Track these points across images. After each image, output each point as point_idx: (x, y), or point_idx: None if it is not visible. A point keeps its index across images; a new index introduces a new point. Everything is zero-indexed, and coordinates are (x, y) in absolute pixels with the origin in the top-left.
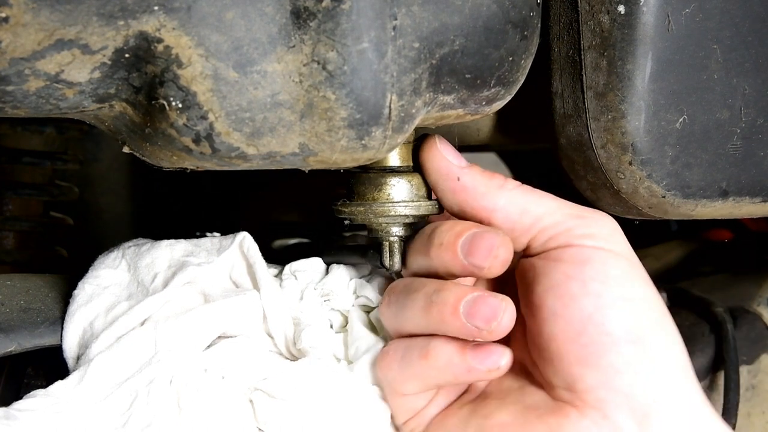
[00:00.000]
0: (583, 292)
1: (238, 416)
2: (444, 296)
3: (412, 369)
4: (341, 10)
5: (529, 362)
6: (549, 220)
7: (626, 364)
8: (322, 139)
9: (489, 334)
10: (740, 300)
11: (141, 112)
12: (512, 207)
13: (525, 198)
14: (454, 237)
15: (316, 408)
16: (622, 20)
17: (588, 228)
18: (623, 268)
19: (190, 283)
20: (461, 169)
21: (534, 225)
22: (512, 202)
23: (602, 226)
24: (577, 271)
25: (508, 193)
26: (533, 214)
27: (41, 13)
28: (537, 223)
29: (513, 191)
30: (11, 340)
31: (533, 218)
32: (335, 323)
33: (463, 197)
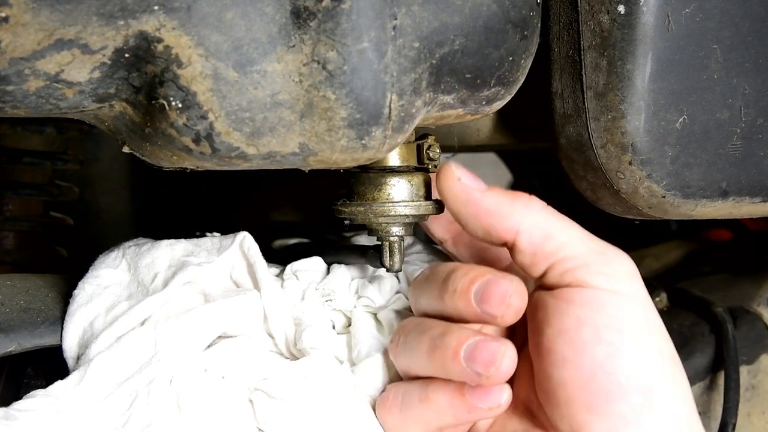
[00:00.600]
0: (596, 339)
1: (238, 416)
2: (447, 340)
3: (412, 413)
4: (341, 10)
5: (535, 404)
6: (570, 250)
7: (634, 413)
8: (322, 138)
9: (488, 379)
10: (740, 300)
11: (141, 112)
12: (536, 231)
13: (550, 222)
14: (468, 283)
15: (316, 408)
16: (622, 20)
17: (606, 266)
18: (638, 316)
19: (190, 283)
20: (482, 193)
21: (555, 253)
22: (537, 225)
23: (620, 266)
24: (591, 317)
25: (534, 215)
26: (556, 241)
27: (41, 13)
28: (558, 251)
29: (539, 213)
30: (11, 340)
31: (556, 246)
32: (337, 324)
33: (487, 221)
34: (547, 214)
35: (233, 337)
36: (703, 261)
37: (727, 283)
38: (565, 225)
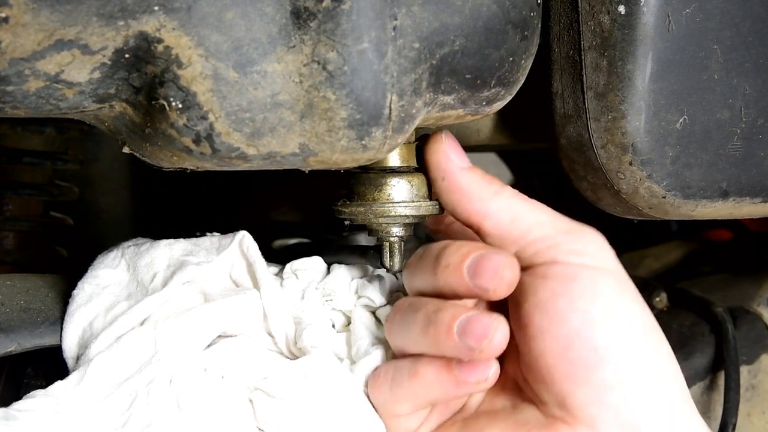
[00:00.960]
0: (570, 308)
1: (237, 416)
2: (440, 316)
3: (402, 389)
4: (341, 11)
5: (521, 380)
6: (538, 232)
7: (615, 379)
8: (322, 139)
9: (481, 353)
10: (740, 300)
11: (141, 112)
12: (503, 214)
13: (518, 206)
14: (460, 258)
15: (316, 408)
16: (622, 20)
17: (576, 244)
18: (611, 285)
19: (189, 283)
20: (461, 169)
21: (523, 236)
22: (504, 208)
23: (590, 242)
24: (564, 288)
25: (502, 200)
26: (524, 224)
27: (41, 14)
28: (526, 234)
29: (507, 199)
30: (11, 340)
31: (523, 229)
32: (337, 323)
33: (457, 197)
34: (515, 199)
35: (233, 337)
36: (703, 261)
37: (727, 283)
38: (532, 208)
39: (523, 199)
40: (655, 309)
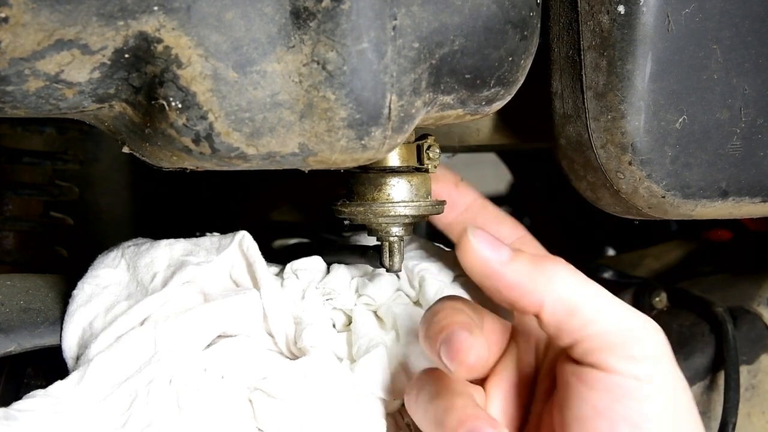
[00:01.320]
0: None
1: (237, 416)
2: (448, 420)
3: None
4: (341, 11)
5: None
6: (595, 328)
7: None
8: (321, 139)
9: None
10: (740, 300)
11: (141, 112)
12: (560, 306)
13: (575, 295)
14: (438, 331)
15: (316, 408)
16: (621, 20)
17: (633, 347)
18: (660, 410)
19: (189, 283)
20: (503, 267)
21: (580, 330)
22: (561, 299)
23: (649, 347)
24: (609, 408)
25: (557, 289)
26: (581, 317)
27: (41, 14)
28: (583, 328)
29: (563, 287)
30: (11, 340)
31: (580, 322)
32: (337, 322)
33: (510, 296)
34: (572, 285)
35: (233, 337)
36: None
37: (727, 283)
38: (591, 296)
39: (581, 283)
40: (655, 309)
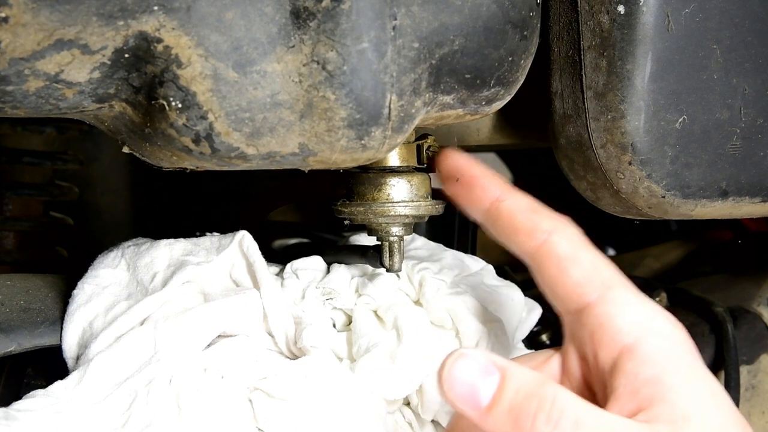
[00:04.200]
0: None
1: (237, 416)
2: None
3: None
4: (341, 10)
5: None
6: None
7: None
8: (321, 139)
9: None
10: (740, 300)
11: (141, 112)
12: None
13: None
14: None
15: (316, 408)
16: (621, 20)
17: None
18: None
19: (189, 282)
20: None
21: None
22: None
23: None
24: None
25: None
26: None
27: (41, 13)
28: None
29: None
30: (11, 340)
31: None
32: (337, 322)
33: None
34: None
35: (233, 337)
36: (703, 261)
37: (727, 283)
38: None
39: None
40: None
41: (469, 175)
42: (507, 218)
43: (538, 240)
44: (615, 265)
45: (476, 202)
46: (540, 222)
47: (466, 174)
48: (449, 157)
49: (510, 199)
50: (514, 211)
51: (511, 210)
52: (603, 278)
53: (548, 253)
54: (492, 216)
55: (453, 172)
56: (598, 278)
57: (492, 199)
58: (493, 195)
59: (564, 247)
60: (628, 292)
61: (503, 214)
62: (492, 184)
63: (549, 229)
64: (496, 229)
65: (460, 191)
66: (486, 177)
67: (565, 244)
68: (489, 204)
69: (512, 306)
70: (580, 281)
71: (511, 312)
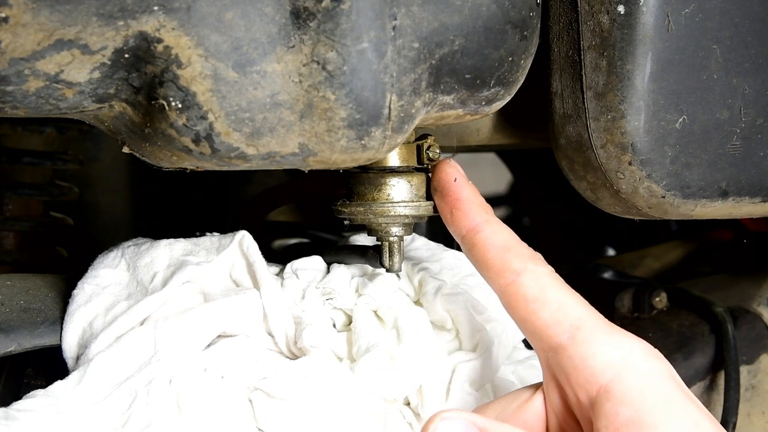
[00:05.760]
0: None
1: (237, 416)
2: None
3: None
4: (341, 11)
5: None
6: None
7: None
8: (321, 139)
9: None
10: (740, 300)
11: (141, 112)
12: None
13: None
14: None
15: (316, 408)
16: (621, 20)
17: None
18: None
19: (189, 282)
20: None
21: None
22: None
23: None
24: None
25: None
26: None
27: (41, 14)
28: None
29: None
30: (11, 340)
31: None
32: (337, 322)
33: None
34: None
35: (233, 337)
36: (703, 261)
37: (727, 283)
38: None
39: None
40: (655, 309)
41: (454, 196)
42: (480, 251)
43: (507, 279)
44: (587, 302)
45: (455, 225)
46: (511, 261)
47: (452, 194)
48: (443, 171)
49: (486, 231)
50: (487, 246)
51: (484, 244)
52: (572, 318)
53: (516, 293)
54: (467, 244)
55: (441, 187)
56: (567, 319)
57: (469, 228)
58: (471, 223)
59: (532, 289)
60: (600, 330)
61: (477, 246)
62: (473, 212)
63: (519, 269)
64: (469, 257)
65: (443, 209)
66: (469, 202)
67: (533, 285)
68: (465, 231)
69: None
70: (549, 323)
71: None
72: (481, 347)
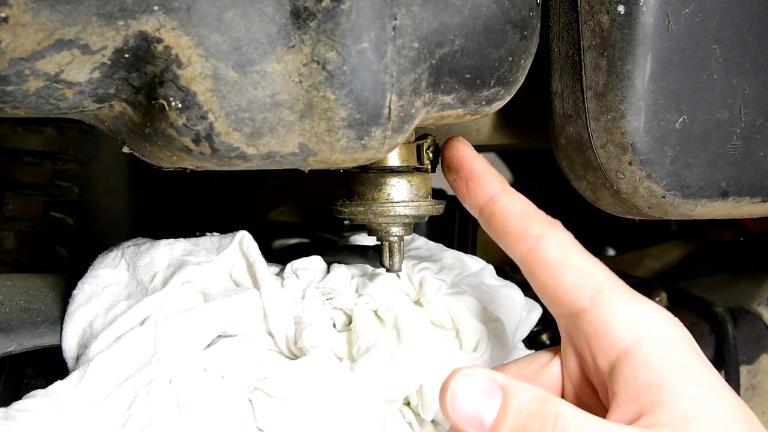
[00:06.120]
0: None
1: (237, 416)
2: None
3: None
4: (341, 10)
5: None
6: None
7: None
8: (321, 139)
9: None
10: (740, 300)
11: (141, 112)
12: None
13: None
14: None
15: (316, 408)
16: (621, 20)
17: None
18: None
19: (189, 282)
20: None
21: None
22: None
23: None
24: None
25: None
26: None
27: (41, 13)
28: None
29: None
30: (11, 340)
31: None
32: (338, 322)
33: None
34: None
35: (233, 337)
36: (703, 261)
37: (727, 283)
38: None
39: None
40: None
41: (468, 170)
42: (500, 219)
43: (529, 245)
44: (607, 268)
45: (472, 197)
46: (531, 226)
47: (466, 167)
48: (454, 147)
49: (504, 199)
50: (506, 213)
51: (504, 211)
52: (594, 283)
53: (538, 258)
54: (485, 215)
55: (455, 163)
56: (589, 283)
57: (487, 198)
58: (489, 193)
59: (554, 253)
60: (622, 295)
61: (496, 215)
62: (490, 182)
63: (540, 233)
64: (488, 228)
65: (459, 183)
66: (485, 173)
67: (555, 250)
68: (483, 202)
69: (512, 306)
70: (571, 287)
71: (511, 312)
72: (481, 347)
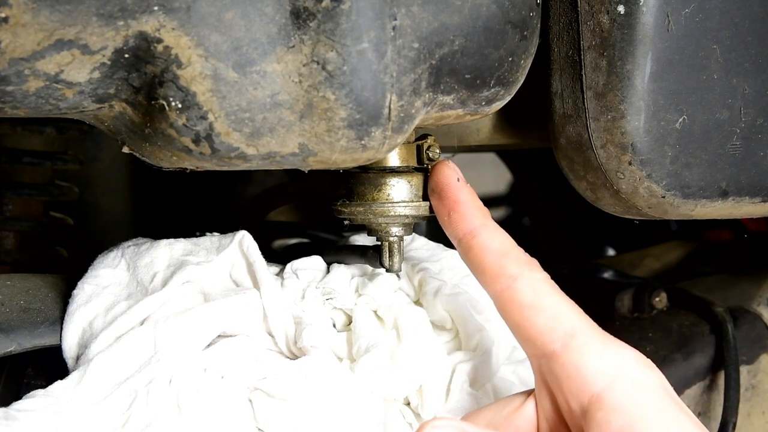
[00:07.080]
0: None
1: (237, 416)
2: None
3: None
4: (341, 11)
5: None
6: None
7: None
8: (321, 139)
9: None
10: (740, 300)
11: (141, 112)
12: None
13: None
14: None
15: (316, 408)
16: (621, 20)
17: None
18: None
19: (189, 282)
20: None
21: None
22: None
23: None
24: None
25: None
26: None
27: (41, 14)
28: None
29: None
30: (11, 340)
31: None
32: (337, 322)
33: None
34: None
35: (233, 337)
36: (703, 261)
37: (727, 283)
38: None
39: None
40: (655, 309)
41: (453, 199)
42: (477, 255)
43: (503, 285)
44: (581, 310)
45: (452, 227)
46: (507, 266)
47: (451, 196)
48: (441, 173)
49: (483, 235)
50: (484, 250)
51: (481, 248)
52: (566, 326)
53: (512, 299)
54: (463, 248)
55: (439, 189)
56: (562, 327)
57: (466, 231)
58: (469, 227)
59: (528, 295)
60: (594, 338)
61: (474, 250)
62: (471, 215)
63: (515, 274)
64: (465, 261)
65: (441, 211)
66: (468, 205)
67: (529, 292)
68: (462, 235)
69: None
70: (544, 330)
71: None
72: (481, 347)
